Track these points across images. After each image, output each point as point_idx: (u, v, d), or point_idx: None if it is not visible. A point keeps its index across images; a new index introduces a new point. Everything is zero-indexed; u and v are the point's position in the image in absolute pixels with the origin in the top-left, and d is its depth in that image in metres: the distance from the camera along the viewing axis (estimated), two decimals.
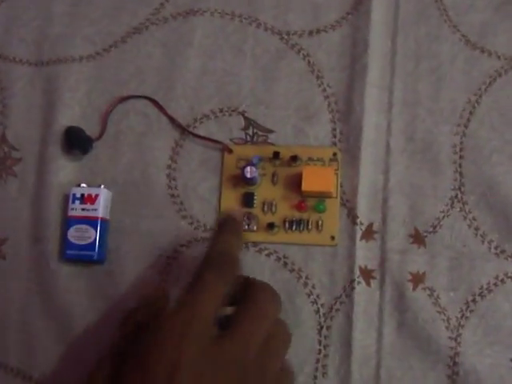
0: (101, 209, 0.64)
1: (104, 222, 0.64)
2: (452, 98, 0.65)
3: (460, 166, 0.64)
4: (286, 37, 0.68)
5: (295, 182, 0.64)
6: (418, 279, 0.62)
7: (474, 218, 0.63)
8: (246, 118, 0.67)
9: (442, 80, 0.66)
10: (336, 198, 0.64)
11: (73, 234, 0.64)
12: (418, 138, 0.65)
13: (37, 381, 0.64)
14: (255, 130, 0.66)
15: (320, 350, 0.62)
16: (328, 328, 0.62)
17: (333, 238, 0.63)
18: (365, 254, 0.63)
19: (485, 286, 0.62)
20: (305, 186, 0.62)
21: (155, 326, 0.50)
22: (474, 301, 0.62)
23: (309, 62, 0.67)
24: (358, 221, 0.63)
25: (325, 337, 0.62)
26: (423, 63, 0.66)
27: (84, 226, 0.64)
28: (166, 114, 0.67)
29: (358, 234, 0.63)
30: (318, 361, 0.62)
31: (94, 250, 0.63)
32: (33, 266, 0.66)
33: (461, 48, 0.66)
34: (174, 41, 0.69)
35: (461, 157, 0.64)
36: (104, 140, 0.67)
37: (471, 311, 0.61)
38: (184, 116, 0.67)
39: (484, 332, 0.61)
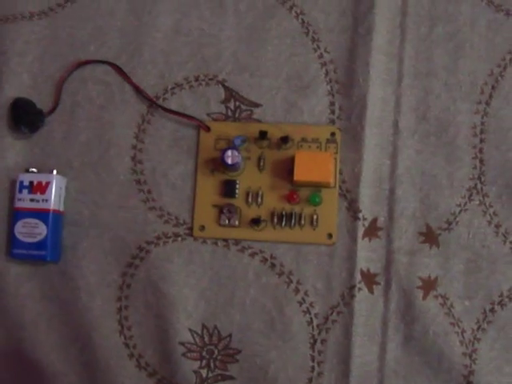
0: (53, 199, 0.56)
1: (57, 214, 0.56)
2: (472, 70, 0.58)
3: (480, 151, 0.57)
4: None
5: (286, 168, 0.56)
6: (429, 285, 0.55)
7: (495, 213, 0.57)
8: (226, 89, 0.59)
9: (461, 48, 0.59)
10: (334, 187, 0.56)
11: (20, 229, 0.56)
12: (432, 116, 0.58)
13: None
14: (238, 103, 0.59)
15: (313, 367, 0.55)
16: (323, 342, 0.55)
17: (330, 235, 0.56)
18: (367, 254, 0.56)
19: (505, 294, 0.56)
20: (297, 175, 0.55)
21: None
22: (492, 310, 0.56)
23: (303, 21, 0.59)
24: (360, 215, 0.56)
25: (319, 352, 0.55)
26: (438, 27, 0.59)
27: (33, 221, 0.55)
28: (130, 82, 0.59)
29: (360, 232, 0.56)
30: (310, 380, 0.55)
31: (46, 248, 0.55)
32: None
33: (482, 10, 0.60)
34: None
35: (481, 140, 0.57)
36: (57, 114, 0.59)
37: (489, 322, 0.56)
38: (152, 85, 0.59)
39: (503, 347, 0.56)
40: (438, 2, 0.59)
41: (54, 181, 0.56)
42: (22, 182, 0.56)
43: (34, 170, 0.56)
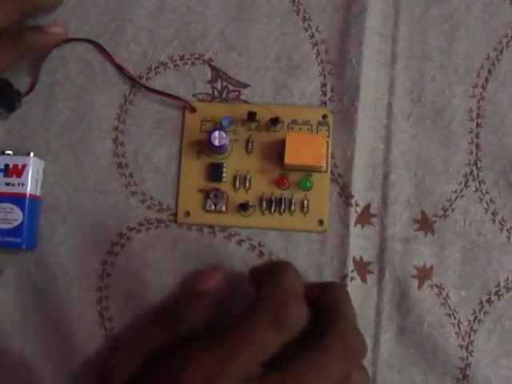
0: (29, 183, 0.52)
1: (33, 199, 0.53)
2: (467, 53, 0.56)
3: (477, 136, 0.55)
4: None
5: (275, 151, 0.54)
6: (424, 274, 0.53)
7: (492, 200, 0.55)
8: (213, 68, 0.56)
9: (456, 30, 0.57)
10: (326, 172, 0.54)
11: None
12: (427, 100, 0.55)
13: None
14: (225, 84, 0.56)
15: None
16: None
17: (321, 222, 0.53)
18: (360, 242, 0.54)
19: (502, 284, 0.54)
20: (288, 158, 0.52)
21: (185, 357, 0.44)
22: (489, 301, 0.54)
23: None
24: (353, 201, 0.54)
25: None
26: (433, 8, 0.57)
27: (8, 206, 0.52)
28: (112, 61, 0.56)
29: (353, 218, 0.54)
30: None
31: (22, 235, 0.52)
32: None
33: None
34: None
35: (478, 125, 0.55)
36: (35, 94, 0.56)
37: (486, 313, 0.54)
38: (135, 65, 0.56)
39: (500, 338, 0.54)
40: None
41: (31, 164, 0.52)
42: None
43: (10, 152, 0.53)
